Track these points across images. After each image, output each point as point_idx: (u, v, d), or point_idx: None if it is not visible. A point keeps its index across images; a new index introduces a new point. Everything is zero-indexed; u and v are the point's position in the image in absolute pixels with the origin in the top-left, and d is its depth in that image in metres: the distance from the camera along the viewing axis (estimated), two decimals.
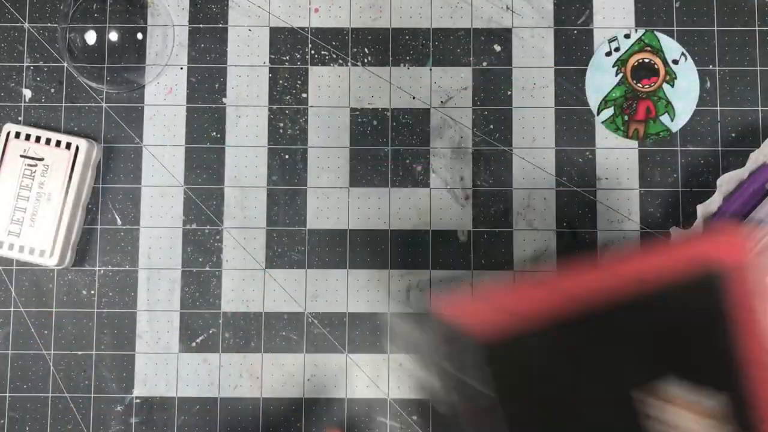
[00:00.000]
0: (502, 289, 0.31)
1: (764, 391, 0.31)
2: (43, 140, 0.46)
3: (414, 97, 0.49)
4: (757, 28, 0.49)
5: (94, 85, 0.49)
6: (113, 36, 0.49)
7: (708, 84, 0.49)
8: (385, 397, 0.47)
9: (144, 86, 0.49)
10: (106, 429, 0.47)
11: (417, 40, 0.49)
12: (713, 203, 0.44)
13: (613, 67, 0.49)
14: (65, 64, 0.49)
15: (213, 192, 0.49)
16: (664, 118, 0.49)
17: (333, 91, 0.49)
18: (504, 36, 0.49)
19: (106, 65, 0.49)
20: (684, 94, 0.49)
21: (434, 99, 0.49)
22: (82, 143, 0.47)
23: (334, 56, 0.49)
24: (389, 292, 0.48)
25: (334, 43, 0.49)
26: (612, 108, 0.49)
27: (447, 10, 0.49)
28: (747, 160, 0.45)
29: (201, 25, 0.50)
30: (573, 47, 0.49)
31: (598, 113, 0.49)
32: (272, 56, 0.49)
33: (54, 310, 0.48)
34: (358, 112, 0.49)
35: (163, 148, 0.49)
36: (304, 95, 0.49)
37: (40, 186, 0.46)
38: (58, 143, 0.46)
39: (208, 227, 0.48)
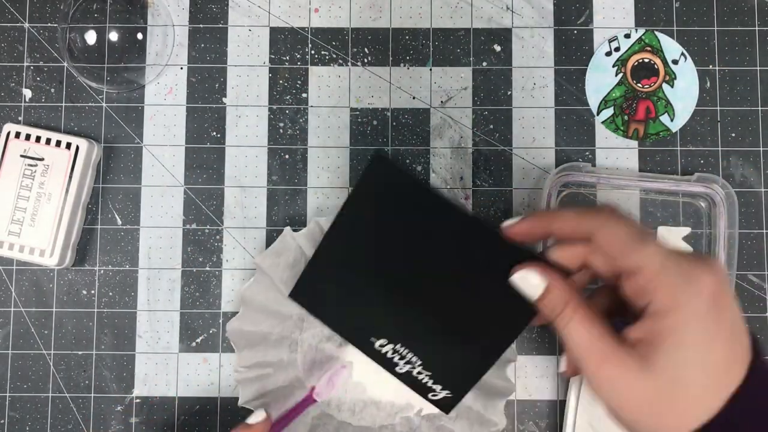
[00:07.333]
0: None
1: None
2: (43, 140, 0.46)
3: (414, 97, 0.49)
4: (757, 28, 0.49)
5: (94, 85, 0.49)
6: (113, 36, 0.49)
7: (708, 84, 0.49)
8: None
9: (144, 86, 0.49)
10: (106, 429, 0.47)
11: (417, 40, 0.49)
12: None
13: (613, 67, 0.49)
14: (65, 64, 0.49)
15: (213, 192, 0.49)
16: (664, 118, 0.49)
17: (333, 91, 0.49)
18: (504, 36, 0.49)
19: (106, 65, 0.49)
20: (684, 94, 0.49)
21: (434, 99, 0.49)
22: (82, 143, 0.47)
23: (334, 56, 0.49)
24: None
25: (334, 43, 0.49)
26: (612, 108, 0.49)
27: (447, 10, 0.49)
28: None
29: (201, 25, 0.50)
30: (573, 47, 0.49)
31: (598, 113, 0.49)
32: (272, 56, 0.49)
33: (54, 310, 0.48)
34: (358, 112, 0.49)
35: (163, 148, 0.49)
36: (304, 95, 0.49)
37: (40, 186, 0.46)
38: (58, 143, 0.46)
39: (208, 227, 0.48)
